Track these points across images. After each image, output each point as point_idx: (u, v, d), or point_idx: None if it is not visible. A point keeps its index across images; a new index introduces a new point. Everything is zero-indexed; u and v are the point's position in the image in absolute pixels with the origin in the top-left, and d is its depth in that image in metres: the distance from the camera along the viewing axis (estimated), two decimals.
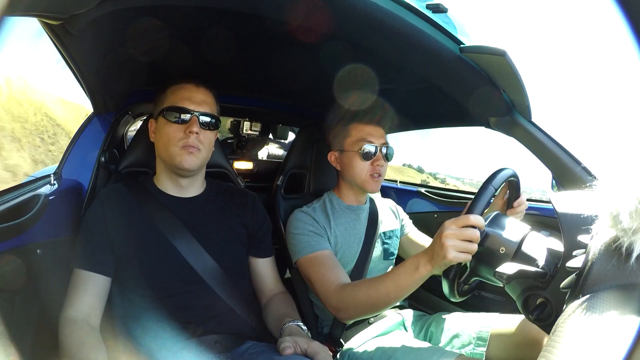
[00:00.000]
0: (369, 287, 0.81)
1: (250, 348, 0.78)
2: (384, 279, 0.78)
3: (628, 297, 0.41)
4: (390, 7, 0.68)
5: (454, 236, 0.65)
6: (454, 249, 0.65)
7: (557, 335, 0.42)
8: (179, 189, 0.89)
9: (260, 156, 2.08)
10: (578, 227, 0.55)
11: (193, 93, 0.86)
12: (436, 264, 0.68)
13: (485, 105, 0.99)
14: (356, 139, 1.03)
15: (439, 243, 0.66)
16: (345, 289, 0.85)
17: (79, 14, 0.59)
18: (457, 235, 0.65)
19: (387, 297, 0.77)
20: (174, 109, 0.84)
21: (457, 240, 0.65)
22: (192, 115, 0.84)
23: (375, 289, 0.79)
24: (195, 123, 0.83)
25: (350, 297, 0.84)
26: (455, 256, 0.65)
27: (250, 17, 0.72)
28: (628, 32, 0.37)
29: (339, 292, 0.86)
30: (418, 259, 0.72)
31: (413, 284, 0.73)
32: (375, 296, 0.78)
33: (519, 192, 0.88)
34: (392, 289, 0.76)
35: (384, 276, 0.80)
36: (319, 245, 0.97)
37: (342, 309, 0.85)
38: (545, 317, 0.63)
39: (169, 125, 0.83)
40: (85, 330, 0.71)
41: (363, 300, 0.81)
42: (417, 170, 9.16)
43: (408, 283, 0.73)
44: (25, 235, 0.71)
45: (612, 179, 0.46)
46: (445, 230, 0.66)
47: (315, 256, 0.95)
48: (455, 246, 0.65)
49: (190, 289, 0.80)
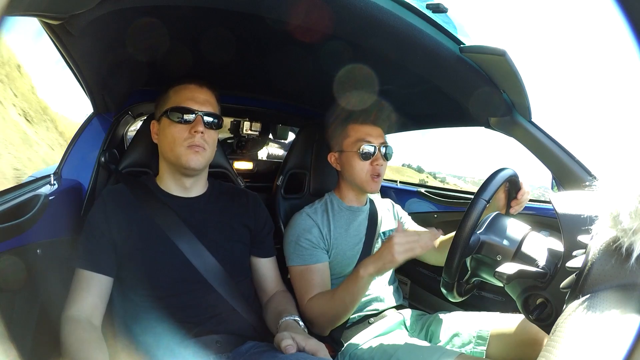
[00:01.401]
0: (328, 299, 0.90)
1: (251, 348, 0.78)
2: (338, 288, 0.87)
3: (628, 297, 0.41)
4: (390, 7, 0.68)
5: (400, 242, 0.76)
6: (399, 248, 0.75)
7: (557, 335, 0.42)
8: (183, 189, 0.89)
9: (260, 156, 2.08)
10: (578, 227, 0.55)
11: (196, 93, 0.86)
12: (379, 267, 0.78)
13: (485, 106, 0.99)
14: (355, 140, 1.04)
15: (387, 246, 0.77)
16: (311, 302, 0.94)
17: (79, 14, 0.59)
18: (403, 242, 0.76)
19: (343, 305, 0.85)
20: (178, 109, 0.84)
21: (403, 245, 0.76)
22: (197, 115, 0.84)
23: (333, 299, 0.88)
24: (200, 123, 0.83)
25: (317, 309, 0.92)
26: (400, 256, 0.75)
27: (250, 17, 0.72)
28: (628, 32, 0.37)
29: (308, 307, 0.94)
30: (359, 265, 0.82)
31: (359, 288, 0.82)
32: (334, 306, 0.87)
33: (519, 185, 0.88)
34: (345, 296, 0.84)
35: (338, 287, 0.88)
36: (312, 258, 0.99)
37: (313, 322, 0.92)
38: (545, 317, 0.63)
39: (173, 126, 0.84)
40: (87, 329, 0.71)
41: (326, 311, 0.90)
42: (417, 170, 9.14)
43: (355, 288, 0.82)
44: (25, 235, 0.71)
45: (612, 179, 0.46)
46: (393, 238, 0.77)
47: (306, 269, 0.98)
48: (401, 247, 0.75)
49: (191, 288, 0.80)
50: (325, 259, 1.01)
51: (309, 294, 0.95)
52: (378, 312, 1.05)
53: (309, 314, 0.93)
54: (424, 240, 0.76)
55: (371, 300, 1.06)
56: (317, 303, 0.92)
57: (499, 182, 0.76)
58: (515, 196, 0.89)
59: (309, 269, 0.98)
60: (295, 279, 1.00)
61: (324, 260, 1.00)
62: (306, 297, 0.95)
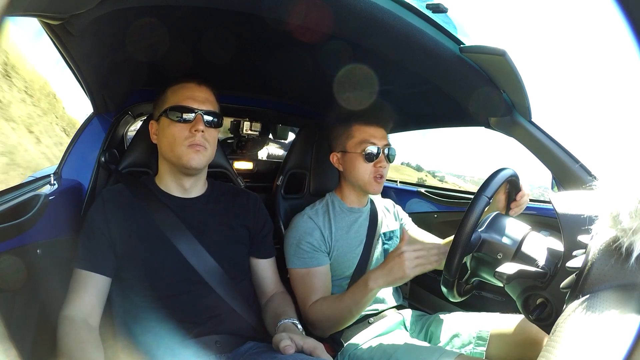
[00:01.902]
0: (332, 304, 0.90)
1: (251, 348, 0.78)
2: (344, 295, 0.88)
3: (628, 297, 0.41)
4: (390, 6, 0.68)
5: (410, 258, 0.76)
6: (410, 264, 0.76)
7: (557, 335, 0.42)
8: (182, 189, 0.89)
9: (260, 156, 2.08)
10: (578, 227, 0.55)
11: (195, 92, 0.86)
12: (390, 282, 0.78)
13: (485, 105, 0.99)
14: (359, 140, 1.03)
15: (397, 262, 0.77)
16: (314, 306, 0.94)
17: (79, 14, 0.59)
18: (413, 257, 0.76)
19: (348, 312, 0.86)
20: (178, 109, 0.83)
21: (413, 260, 0.76)
22: (197, 113, 0.84)
23: (338, 305, 0.88)
24: (201, 121, 0.83)
25: (320, 313, 0.92)
26: (411, 272, 0.76)
27: (250, 17, 0.72)
28: (628, 32, 0.37)
29: (311, 310, 0.94)
30: (368, 276, 0.81)
31: (366, 298, 0.82)
32: (339, 312, 0.88)
33: (519, 186, 0.88)
34: (351, 304, 0.85)
35: (345, 293, 0.89)
36: (313, 261, 0.99)
37: (315, 325, 0.94)
38: (545, 317, 0.63)
39: (173, 125, 0.83)
40: (84, 329, 0.71)
41: (330, 316, 0.90)
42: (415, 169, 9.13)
43: (362, 298, 0.82)
44: (25, 235, 0.71)
45: (612, 179, 0.46)
46: (403, 253, 0.77)
47: (307, 272, 0.98)
48: (412, 263, 0.76)
49: (191, 289, 0.80)
50: (327, 261, 1.01)
51: (311, 298, 0.95)
52: (378, 312, 1.06)
53: (312, 318, 0.93)
54: (435, 258, 0.78)
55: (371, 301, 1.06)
56: (321, 308, 0.92)
57: (501, 180, 0.76)
58: (515, 198, 0.89)
59: (310, 272, 0.98)
60: (297, 282, 0.99)
61: (325, 264, 1.00)
62: (308, 301, 0.95)
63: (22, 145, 4.25)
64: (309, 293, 0.96)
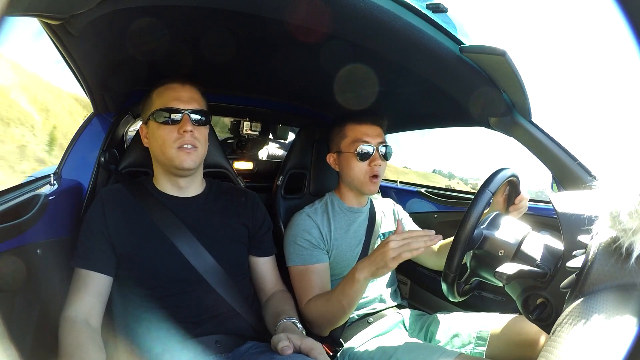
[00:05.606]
0: (326, 300, 0.89)
1: (251, 348, 0.78)
2: (335, 290, 0.87)
3: (628, 297, 0.41)
4: (390, 7, 0.68)
5: (394, 247, 0.74)
6: (393, 253, 0.73)
7: (557, 335, 0.42)
8: (178, 189, 0.89)
9: (260, 156, 2.08)
10: (578, 227, 0.55)
11: (180, 92, 0.86)
12: (373, 271, 0.77)
13: (485, 105, 0.99)
14: (352, 140, 1.03)
15: (381, 251, 0.75)
16: (309, 304, 0.93)
17: (79, 14, 0.59)
18: (397, 247, 0.74)
19: (341, 307, 0.85)
20: (164, 110, 0.83)
21: (396, 250, 0.74)
22: (183, 114, 0.83)
23: (330, 301, 0.87)
24: (188, 121, 0.83)
25: (315, 311, 0.92)
26: (392, 262, 0.74)
27: (251, 17, 0.71)
28: (628, 32, 0.37)
29: (307, 308, 0.93)
30: (355, 267, 0.81)
31: (356, 291, 0.81)
32: (332, 307, 0.87)
33: (519, 189, 0.88)
34: (342, 298, 0.84)
35: (335, 288, 0.87)
36: (311, 258, 0.98)
37: (312, 323, 0.93)
38: (545, 317, 0.63)
39: (161, 128, 0.83)
40: (84, 330, 0.71)
41: (324, 313, 0.90)
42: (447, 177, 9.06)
43: (351, 291, 0.81)
44: (25, 235, 0.71)
45: (612, 179, 0.46)
46: (389, 242, 0.75)
47: (305, 269, 0.98)
48: (394, 252, 0.73)
49: (190, 288, 0.80)
50: (325, 259, 1.01)
51: (308, 295, 0.95)
52: (377, 312, 1.05)
53: (308, 315, 0.93)
54: (416, 245, 0.73)
55: (371, 300, 1.06)
56: (316, 305, 0.92)
57: (504, 177, 0.77)
58: (514, 202, 0.89)
59: (308, 270, 0.98)
60: (295, 280, 0.99)
61: (324, 261, 1.00)
62: (305, 298, 0.95)
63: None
64: (306, 291, 0.96)
